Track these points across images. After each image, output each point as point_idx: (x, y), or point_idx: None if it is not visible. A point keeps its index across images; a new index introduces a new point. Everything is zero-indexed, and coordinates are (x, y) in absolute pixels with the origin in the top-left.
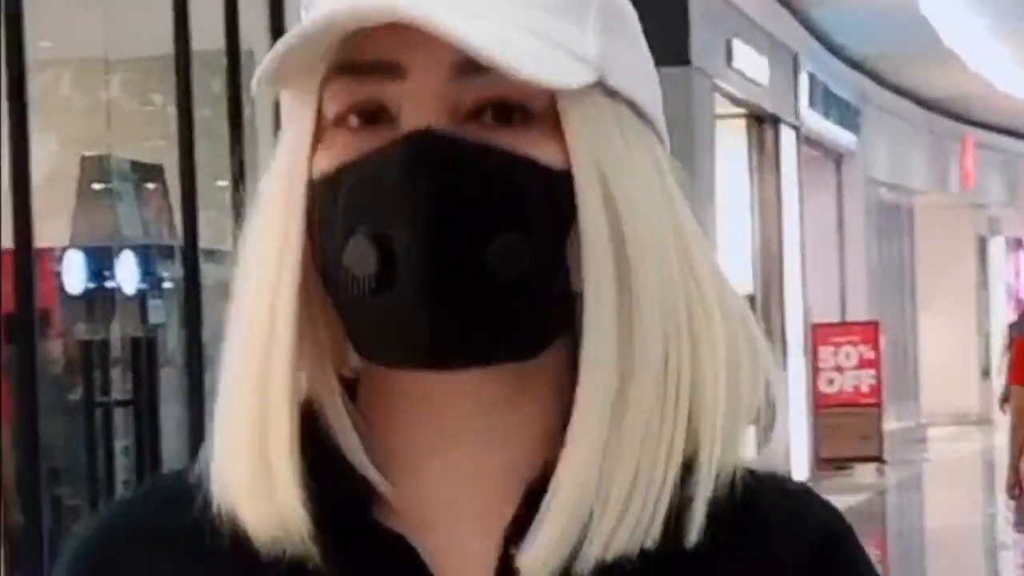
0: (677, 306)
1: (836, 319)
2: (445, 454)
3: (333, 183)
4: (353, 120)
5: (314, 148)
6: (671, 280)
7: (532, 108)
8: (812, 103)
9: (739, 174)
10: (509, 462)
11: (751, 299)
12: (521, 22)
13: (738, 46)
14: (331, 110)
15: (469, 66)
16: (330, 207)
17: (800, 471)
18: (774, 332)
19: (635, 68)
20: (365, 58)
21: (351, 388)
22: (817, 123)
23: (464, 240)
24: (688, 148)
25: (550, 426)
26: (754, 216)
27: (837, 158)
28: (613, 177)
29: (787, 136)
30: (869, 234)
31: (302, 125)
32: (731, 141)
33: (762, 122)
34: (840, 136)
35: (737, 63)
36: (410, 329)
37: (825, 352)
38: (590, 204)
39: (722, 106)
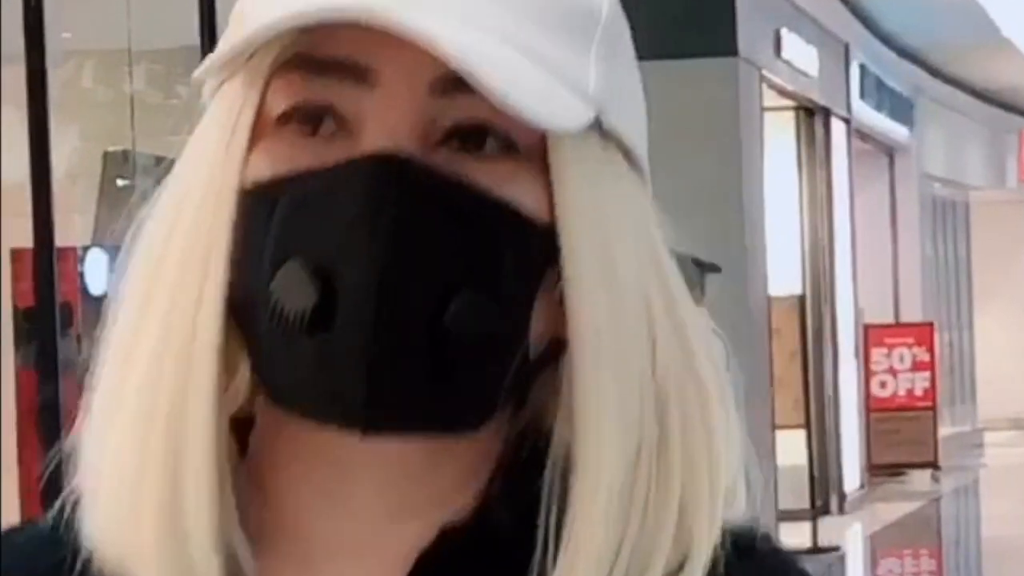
0: (667, 379)
1: (889, 319)
2: (339, 523)
3: (270, 194)
4: (303, 122)
5: (249, 148)
6: (664, 351)
7: (515, 140)
8: (864, 95)
9: (788, 168)
10: (407, 536)
11: (800, 299)
12: (515, 38)
13: (787, 36)
14: (276, 107)
15: (450, 82)
16: (262, 222)
17: (852, 478)
18: (824, 333)
19: (631, 103)
20: (328, 54)
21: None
22: (869, 116)
23: (422, 291)
24: (735, 142)
25: (461, 500)
26: (803, 212)
27: (890, 152)
28: (606, 236)
29: (838, 129)
30: (923, 231)
31: (240, 118)
32: (779, 134)
33: (812, 115)
34: (893, 129)
35: (786, 54)
36: (342, 384)
37: (878, 354)
38: (588, 267)
39: (770, 98)
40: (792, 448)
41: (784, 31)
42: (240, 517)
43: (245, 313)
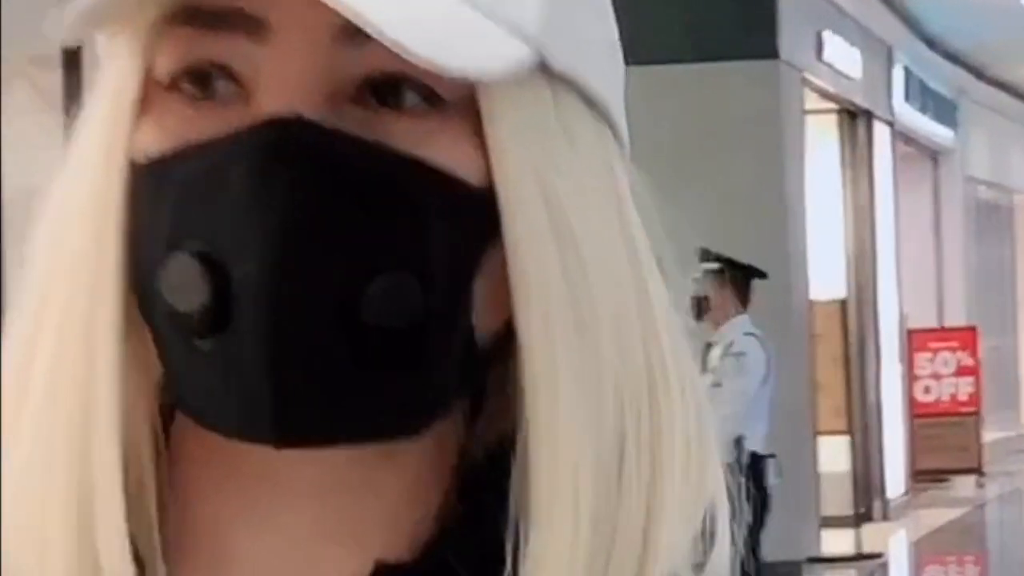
0: (637, 368)
1: (932, 324)
2: (261, 541)
3: (160, 172)
4: (192, 85)
5: (139, 117)
6: (630, 334)
7: (440, 90)
8: (907, 97)
9: (831, 172)
10: (345, 562)
11: (843, 303)
12: None
13: (829, 38)
14: (163, 68)
15: (357, 29)
16: (153, 204)
17: (896, 484)
18: (867, 338)
19: (592, 40)
20: (217, 5)
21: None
22: (912, 118)
23: (330, 278)
24: (777, 145)
25: (410, 518)
26: (846, 215)
27: (933, 155)
28: (558, 196)
29: (881, 132)
30: (967, 235)
31: (125, 84)
32: (822, 137)
33: (854, 117)
34: (937, 132)
35: (828, 56)
36: (246, 393)
37: (921, 359)
38: (535, 235)
39: (812, 101)
40: (835, 454)
41: (826, 33)
42: (159, 519)
43: (146, 305)
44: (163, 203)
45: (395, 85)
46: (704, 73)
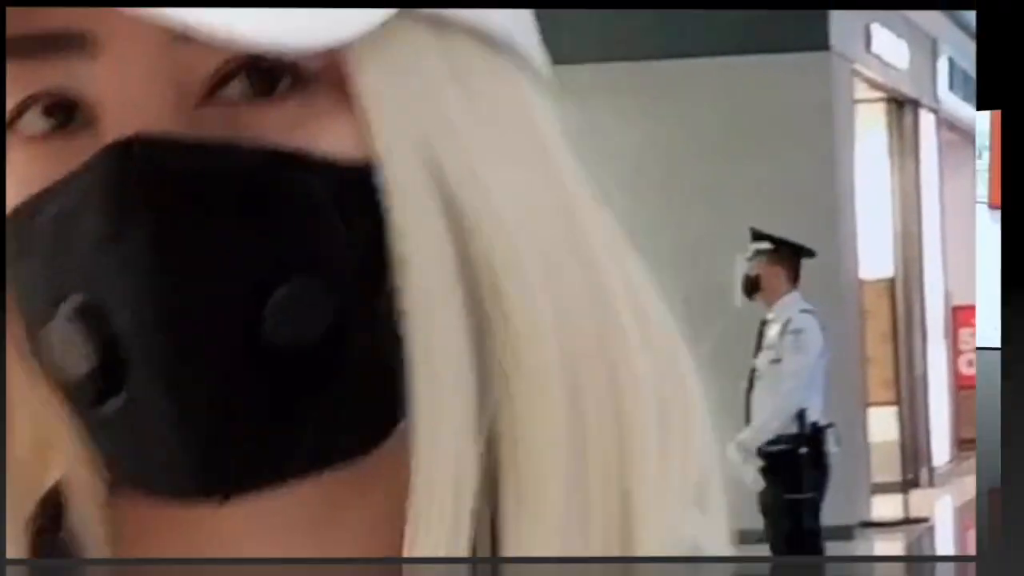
0: (586, 341)
1: (976, 301)
2: None
3: (21, 227)
4: (36, 122)
5: None
6: (570, 303)
7: (305, 67)
8: (951, 86)
9: (879, 158)
10: None
11: (891, 282)
12: None
13: (877, 30)
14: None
15: None
16: (24, 264)
17: (942, 452)
18: (913, 317)
19: None
20: (40, 29)
21: None
22: (956, 106)
23: (219, 307)
24: (828, 134)
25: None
26: (894, 199)
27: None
28: (448, 161)
29: (926, 120)
30: None
31: None
32: (871, 125)
33: (902, 106)
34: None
35: (876, 48)
36: (159, 460)
37: (965, 334)
38: (413, 211)
39: (861, 91)
40: (884, 424)
41: (874, 26)
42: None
43: (44, 372)
44: (31, 262)
45: (257, 71)
46: (760, 64)
